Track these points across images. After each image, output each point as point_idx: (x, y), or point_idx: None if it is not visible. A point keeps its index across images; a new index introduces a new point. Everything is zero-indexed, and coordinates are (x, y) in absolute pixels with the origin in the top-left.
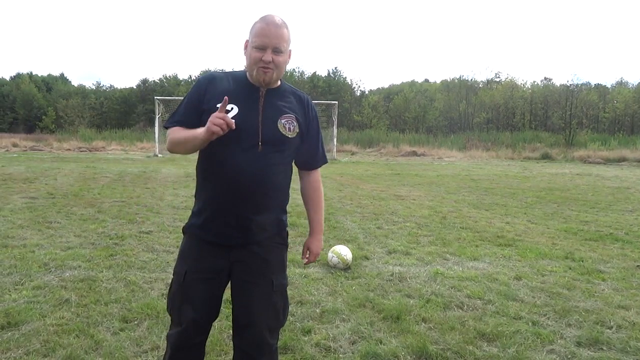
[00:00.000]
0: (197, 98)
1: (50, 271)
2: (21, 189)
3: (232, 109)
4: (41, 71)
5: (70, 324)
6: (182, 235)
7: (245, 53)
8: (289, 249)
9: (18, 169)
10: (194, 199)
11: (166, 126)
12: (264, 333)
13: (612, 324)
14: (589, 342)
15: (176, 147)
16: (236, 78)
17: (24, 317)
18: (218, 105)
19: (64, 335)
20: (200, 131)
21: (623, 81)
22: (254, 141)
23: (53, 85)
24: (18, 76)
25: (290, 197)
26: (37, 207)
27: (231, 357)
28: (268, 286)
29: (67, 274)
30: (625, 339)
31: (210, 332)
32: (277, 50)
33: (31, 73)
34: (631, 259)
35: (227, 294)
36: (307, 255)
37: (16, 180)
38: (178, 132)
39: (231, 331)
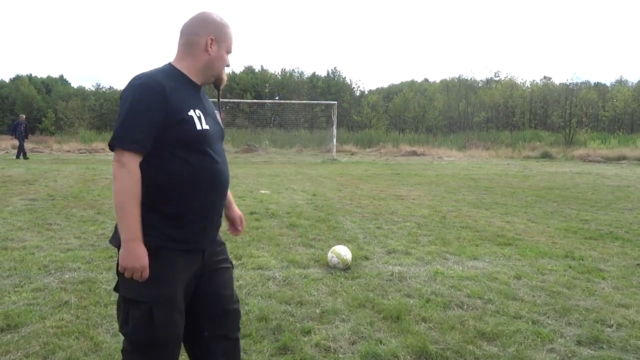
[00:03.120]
0: (160, 113)
1: (50, 273)
2: (21, 191)
3: (199, 116)
4: (40, 73)
5: (70, 325)
6: None
7: (206, 51)
8: (289, 249)
9: (18, 170)
10: (153, 212)
11: (123, 147)
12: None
13: (612, 322)
14: (589, 341)
15: (116, 188)
16: (178, 78)
17: (24, 320)
18: (190, 114)
19: (64, 337)
20: (125, 239)
21: (622, 80)
22: (221, 143)
23: (52, 87)
24: (17, 78)
25: (291, 199)
26: (36, 209)
27: None
28: (230, 266)
29: (67, 276)
30: (625, 337)
31: None
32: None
33: (30, 75)
34: (631, 258)
35: None
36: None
37: (16, 182)
38: (132, 191)
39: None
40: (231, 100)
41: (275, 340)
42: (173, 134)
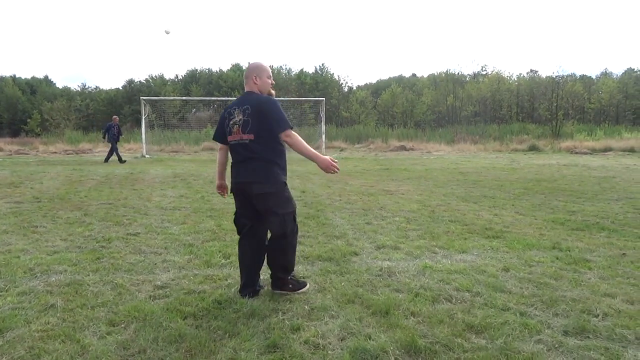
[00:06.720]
0: None
1: (36, 276)
2: (6, 194)
3: None
4: (25, 74)
5: (56, 329)
6: (170, 235)
7: (263, 81)
8: None
9: (3, 173)
10: (277, 165)
11: (291, 127)
12: None
13: (598, 312)
14: (576, 331)
15: (298, 146)
16: None
17: (9, 324)
18: None
19: (50, 341)
20: (320, 158)
21: (607, 72)
22: None
23: (37, 88)
24: (1, 79)
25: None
26: (22, 211)
27: (219, 357)
28: None
29: (53, 279)
30: (611, 326)
31: (200, 333)
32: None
33: (14, 76)
34: (617, 247)
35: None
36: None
37: (1, 185)
38: (303, 140)
39: (220, 332)
40: (219, 98)
41: (265, 338)
42: None
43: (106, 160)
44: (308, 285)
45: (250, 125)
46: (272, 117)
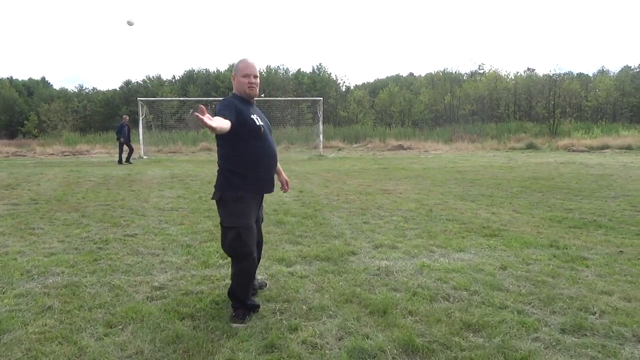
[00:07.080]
0: (235, 109)
1: (33, 278)
2: (3, 196)
3: (256, 119)
4: (22, 75)
5: (53, 331)
6: (167, 236)
7: (238, 80)
8: (275, 247)
9: (0, 175)
10: (231, 172)
11: (221, 115)
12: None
13: (595, 309)
14: (573, 329)
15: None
16: (239, 99)
17: (6, 326)
18: (253, 117)
19: (47, 343)
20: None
21: (604, 69)
22: (269, 133)
23: (34, 90)
24: None
25: (278, 197)
26: (19, 213)
27: (217, 357)
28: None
29: (50, 281)
30: (608, 324)
31: (198, 334)
32: (256, 76)
33: (11, 77)
34: (614, 245)
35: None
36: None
37: None
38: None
39: (218, 333)
40: (217, 98)
41: (263, 338)
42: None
43: (128, 161)
44: (245, 325)
45: None
46: None
